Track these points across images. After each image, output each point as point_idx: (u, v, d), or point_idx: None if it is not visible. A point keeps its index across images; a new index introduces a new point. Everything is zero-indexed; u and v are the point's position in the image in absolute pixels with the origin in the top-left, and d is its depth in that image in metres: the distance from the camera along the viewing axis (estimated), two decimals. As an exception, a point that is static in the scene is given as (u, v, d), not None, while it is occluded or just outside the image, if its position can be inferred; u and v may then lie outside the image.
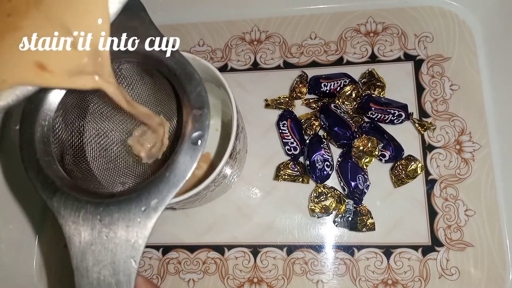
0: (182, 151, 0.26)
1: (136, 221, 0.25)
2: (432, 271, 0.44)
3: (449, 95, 0.48)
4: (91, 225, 0.25)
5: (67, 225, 0.25)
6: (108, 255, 0.25)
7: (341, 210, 0.45)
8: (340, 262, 0.45)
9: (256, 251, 0.46)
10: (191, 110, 0.27)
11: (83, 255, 0.25)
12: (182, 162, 0.26)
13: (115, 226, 0.25)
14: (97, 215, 0.25)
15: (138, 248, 0.25)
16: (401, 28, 0.50)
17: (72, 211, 0.26)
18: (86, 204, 0.26)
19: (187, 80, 0.28)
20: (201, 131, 0.27)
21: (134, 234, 0.25)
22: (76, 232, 0.25)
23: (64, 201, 0.26)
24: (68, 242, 0.25)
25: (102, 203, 0.26)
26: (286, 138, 0.47)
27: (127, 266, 0.25)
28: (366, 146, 0.43)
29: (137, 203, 0.25)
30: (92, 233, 0.25)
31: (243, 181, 0.48)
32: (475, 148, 0.46)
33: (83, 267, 0.25)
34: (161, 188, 0.26)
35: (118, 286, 0.25)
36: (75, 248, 0.25)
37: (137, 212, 0.25)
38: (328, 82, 0.48)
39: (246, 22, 0.53)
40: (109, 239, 0.25)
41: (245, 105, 0.49)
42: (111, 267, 0.25)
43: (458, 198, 0.45)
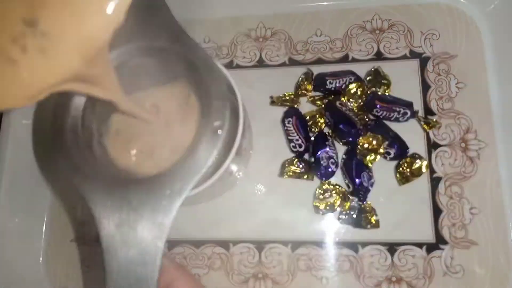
0: (204, 139, 0.28)
1: (161, 204, 0.27)
2: (436, 269, 0.44)
3: (455, 93, 0.48)
4: (119, 208, 0.27)
5: (97, 208, 0.27)
6: (135, 237, 0.26)
7: (345, 207, 0.45)
8: (344, 259, 0.45)
9: (261, 247, 0.47)
10: (212, 100, 0.29)
11: (112, 236, 0.26)
12: (204, 149, 0.28)
13: (142, 209, 0.26)
14: (125, 199, 0.27)
15: (163, 229, 0.26)
16: (407, 25, 0.50)
17: (102, 195, 0.27)
18: (114, 189, 0.27)
19: (207, 72, 0.30)
20: (221, 121, 0.28)
21: (160, 216, 0.26)
22: (105, 215, 0.27)
23: (94, 187, 0.27)
24: (98, 224, 0.27)
25: (129, 188, 0.27)
26: (291, 135, 0.47)
27: (153, 247, 0.26)
28: (371, 144, 0.43)
29: (162, 188, 0.27)
30: (120, 216, 0.27)
31: (248, 177, 0.48)
32: (480, 146, 0.46)
33: (112, 248, 0.26)
34: (184, 173, 0.27)
35: (145, 265, 0.26)
36: (104, 230, 0.26)
37: (162, 196, 0.27)
38: (334, 79, 0.48)
39: (252, 18, 0.53)
40: (137, 222, 0.26)
41: (250, 102, 0.49)
42: (138, 248, 0.26)
43: (463, 196, 0.45)
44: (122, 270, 0.26)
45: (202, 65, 0.30)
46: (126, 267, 0.26)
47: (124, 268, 0.26)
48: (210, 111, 0.29)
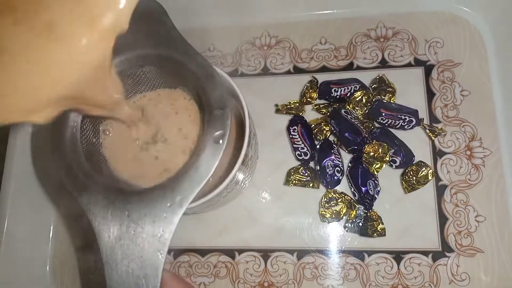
0: (205, 150, 0.28)
1: (162, 216, 0.26)
2: (442, 277, 0.44)
3: (460, 101, 0.48)
4: (119, 220, 0.26)
5: (97, 221, 0.27)
6: (136, 249, 0.26)
7: (351, 215, 0.45)
8: (350, 267, 0.45)
9: (266, 256, 0.47)
10: (213, 110, 0.29)
11: (112, 249, 0.26)
12: (205, 160, 0.28)
13: (142, 222, 0.26)
14: (125, 211, 0.27)
15: (164, 242, 0.26)
16: (411, 33, 0.51)
17: (101, 207, 0.27)
18: (114, 201, 0.27)
19: (208, 82, 0.29)
20: (223, 130, 0.28)
21: (161, 229, 0.26)
22: (105, 228, 0.26)
23: (94, 198, 0.27)
24: (98, 237, 0.26)
25: (129, 200, 0.27)
26: (296, 143, 0.47)
27: (154, 260, 0.26)
28: (377, 152, 0.44)
29: (162, 199, 0.27)
30: (121, 228, 0.26)
31: (253, 186, 0.48)
32: (485, 154, 0.46)
33: (112, 261, 0.26)
34: (185, 185, 0.27)
35: (145, 279, 0.26)
36: (104, 243, 0.26)
37: (163, 208, 0.26)
38: (339, 87, 0.48)
39: (256, 27, 0.54)
40: (137, 234, 0.26)
41: (256, 111, 0.50)
42: (139, 261, 0.26)
43: (469, 204, 0.45)
44: (123, 283, 0.26)
45: (202, 73, 0.30)
46: (127, 279, 0.26)
47: (125, 281, 0.26)
48: (211, 121, 0.29)
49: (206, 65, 0.30)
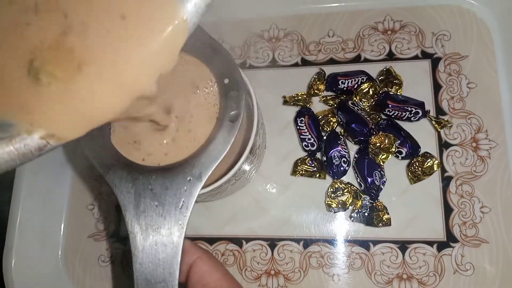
0: (222, 128, 0.30)
1: (182, 189, 0.28)
2: (447, 267, 0.44)
3: (466, 93, 0.48)
4: (143, 194, 0.28)
5: (122, 195, 0.29)
6: (159, 220, 0.28)
7: (357, 205, 0.45)
8: (356, 257, 0.46)
9: (273, 244, 0.48)
10: (228, 91, 0.31)
11: (137, 220, 0.28)
12: (221, 137, 0.30)
13: (164, 195, 0.28)
14: (148, 185, 0.29)
15: (185, 213, 0.28)
16: (418, 26, 0.51)
17: (126, 182, 0.29)
18: (138, 176, 0.29)
19: (224, 65, 0.31)
20: (238, 110, 0.30)
21: (181, 201, 0.28)
22: (130, 201, 0.29)
23: (119, 175, 0.29)
24: (123, 209, 0.29)
25: (151, 175, 0.29)
26: (303, 135, 0.47)
27: (176, 229, 0.28)
28: (383, 143, 0.44)
29: (183, 174, 0.29)
30: (145, 201, 0.28)
31: (261, 176, 0.49)
32: (491, 146, 0.46)
33: (137, 231, 0.28)
34: (203, 160, 0.29)
35: (168, 246, 0.28)
36: (130, 215, 0.28)
37: (183, 182, 0.28)
38: (346, 79, 0.48)
39: (265, 20, 0.54)
40: (159, 206, 0.28)
41: (264, 102, 0.50)
42: (162, 231, 0.28)
43: (474, 195, 0.46)
44: (146, 251, 0.28)
45: (218, 58, 0.32)
46: (151, 248, 0.28)
47: (149, 249, 0.28)
48: (227, 101, 0.31)
49: (221, 50, 0.32)
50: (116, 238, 0.50)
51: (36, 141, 0.19)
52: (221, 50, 0.32)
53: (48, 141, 0.19)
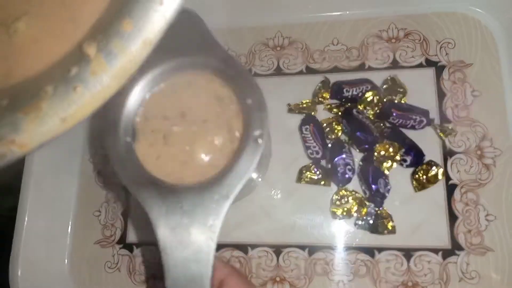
0: (246, 147, 0.31)
1: (211, 207, 0.29)
2: (452, 275, 0.44)
3: (471, 101, 0.48)
4: (173, 212, 0.29)
5: (153, 213, 0.30)
6: (189, 237, 0.29)
7: (362, 213, 0.46)
8: (361, 264, 0.46)
9: (278, 251, 0.48)
10: (252, 111, 0.32)
11: (168, 237, 0.29)
12: (246, 157, 0.30)
13: (194, 212, 0.29)
14: (178, 204, 0.30)
15: (214, 230, 0.29)
16: (423, 34, 0.51)
17: (157, 201, 0.30)
18: (168, 195, 0.30)
19: (247, 84, 0.32)
20: (262, 130, 0.31)
21: (210, 218, 0.29)
22: (161, 219, 0.29)
23: (148, 193, 0.30)
24: (154, 227, 0.29)
25: (181, 194, 0.30)
26: (308, 142, 0.48)
27: (206, 246, 0.29)
28: (388, 151, 0.44)
29: (210, 193, 0.30)
30: (175, 219, 0.29)
31: (266, 183, 0.49)
32: (496, 154, 0.47)
33: (168, 248, 0.29)
34: (230, 179, 0.30)
35: (199, 263, 0.28)
36: (160, 232, 0.29)
37: (211, 200, 0.29)
38: (350, 87, 0.49)
39: (270, 28, 0.55)
40: (189, 224, 0.29)
41: (269, 110, 0.51)
42: (193, 247, 0.29)
43: (479, 203, 0.46)
44: (178, 268, 0.29)
45: (239, 77, 0.33)
46: (182, 264, 0.28)
47: (180, 266, 0.29)
48: (251, 121, 0.32)
49: (243, 70, 0.33)
50: (122, 244, 0.51)
51: None
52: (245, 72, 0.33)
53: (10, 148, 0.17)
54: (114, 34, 0.17)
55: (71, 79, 0.18)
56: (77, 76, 0.18)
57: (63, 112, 0.18)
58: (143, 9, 0.17)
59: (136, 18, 0.17)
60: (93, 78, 0.17)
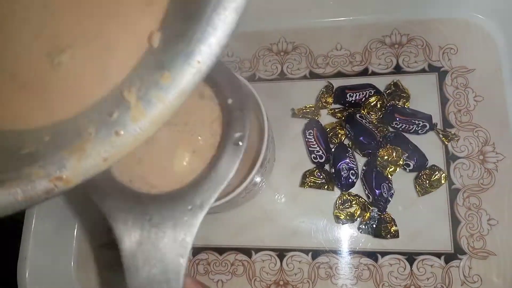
0: (225, 152, 0.28)
1: (183, 219, 0.26)
2: (454, 278, 0.45)
3: (473, 106, 0.49)
4: (140, 225, 0.26)
5: (118, 226, 0.26)
6: (157, 254, 0.26)
7: (365, 217, 0.46)
8: (364, 268, 0.46)
9: (282, 255, 0.48)
10: (233, 112, 0.29)
11: (133, 254, 0.26)
12: (225, 162, 0.27)
13: (163, 226, 0.26)
14: (145, 216, 0.26)
15: (185, 245, 0.26)
16: (425, 39, 0.52)
17: (122, 212, 0.27)
18: (135, 205, 0.27)
19: (228, 83, 0.30)
20: (242, 132, 0.28)
21: (182, 232, 0.26)
22: (127, 233, 0.26)
23: (114, 204, 0.27)
24: (119, 242, 0.26)
25: (149, 204, 0.27)
26: (312, 147, 0.48)
27: (176, 264, 0.25)
28: (391, 156, 0.45)
29: (183, 203, 0.26)
30: (142, 233, 0.26)
31: (270, 187, 0.50)
32: (498, 159, 0.47)
33: (133, 266, 0.26)
34: (205, 187, 0.27)
35: (168, 284, 0.25)
36: (125, 248, 0.26)
37: (183, 211, 0.26)
38: (354, 92, 0.49)
39: (274, 33, 0.55)
40: (158, 239, 0.26)
41: (272, 114, 0.50)
42: (161, 266, 0.25)
43: (481, 207, 0.46)
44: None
45: (220, 77, 0.30)
46: (149, 285, 0.25)
47: (147, 287, 0.25)
48: (231, 123, 0.29)
49: (225, 68, 0.30)
50: (127, 247, 0.51)
51: (44, 184, 0.18)
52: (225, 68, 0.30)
53: (56, 184, 0.18)
54: (153, 85, 0.18)
55: (113, 123, 0.19)
56: (118, 121, 0.19)
57: (105, 153, 0.19)
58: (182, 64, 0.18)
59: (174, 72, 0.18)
60: (133, 123, 0.19)
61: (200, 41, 0.18)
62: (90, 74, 0.21)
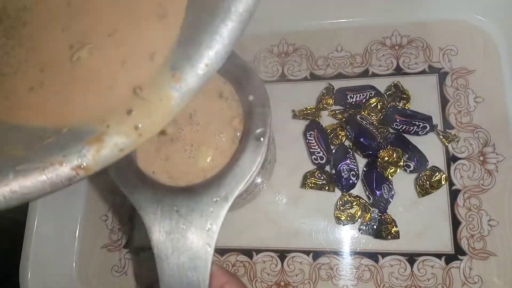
0: (247, 147, 0.29)
1: (209, 210, 0.28)
2: (455, 279, 0.45)
3: (473, 107, 0.49)
4: (169, 216, 0.28)
5: (148, 217, 0.28)
6: (185, 243, 0.27)
7: (366, 218, 0.46)
8: (365, 269, 0.47)
9: (283, 256, 0.48)
10: (254, 108, 0.30)
11: (163, 243, 0.27)
12: (247, 156, 0.29)
13: (191, 216, 0.27)
14: (173, 207, 0.28)
15: (212, 235, 0.27)
16: (426, 41, 0.52)
17: (151, 204, 0.28)
18: (163, 197, 0.29)
19: (249, 81, 0.31)
20: (264, 128, 0.29)
21: (208, 222, 0.27)
22: (156, 223, 0.28)
23: (143, 196, 0.29)
24: (149, 232, 0.28)
25: (177, 196, 0.28)
26: (313, 148, 0.48)
27: (203, 252, 0.27)
28: (392, 157, 0.45)
29: (209, 195, 0.28)
30: (170, 223, 0.28)
31: (271, 188, 0.50)
32: (498, 160, 0.47)
33: (163, 255, 0.27)
34: (229, 180, 0.28)
35: (195, 271, 0.27)
36: (155, 237, 0.28)
37: (209, 203, 0.28)
38: (354, 94, 0.49)
39: (274, 35, 0.55)
40: (186, 228, 0.27)
41: (273, 116, 0.51)
42: (189, 254, 0.27)
43: (482, 208, 0.46)
44: (174, 275, 0.27)
45: (241, 74, 0.31)
46: (178, 272, 0.27)
47: (176, 273, 0.27)
48: (252, 119, 0.30)
49: (245, 65, 0.31)
50: (129, 249, 0.52)
51: (67, 171, 0.20)
52: (246, 66, 0.31)
53: (77, 172, 0.20)
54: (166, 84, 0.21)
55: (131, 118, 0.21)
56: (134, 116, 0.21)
57: (122, 145, 0.21)
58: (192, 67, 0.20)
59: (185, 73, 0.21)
60: (149, 119, 0.21)
61: (208, 47, 0.20)
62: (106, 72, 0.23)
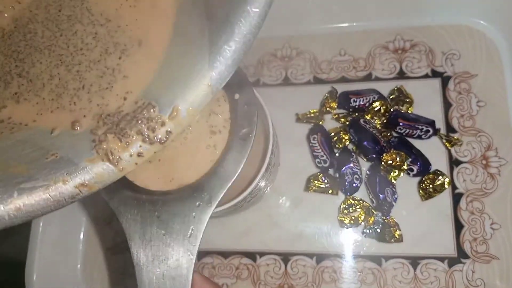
0: (232, 147, 0.28)
1: (191, 216, 0.26)
2: (458, 282, 0.45)
3: (476, 111, 0.49)
4: (149, 222, 0.26)
5: (127, 223, 0.27)
6: (166, 250, 0.26)
7: (369, 221, 0.47)
8: (368, 272, 0.47)
9: (286, 259, 0.49)
10: (239, 107, 0.29)
11: (143, 251, 0.26)
12: (232, 158, 0.28)
13: (172, 222, 0.26)
14: (154, 212, 0.27)
15: (194, 242, 0.26)
16: (428, 45, 0.52)
17: (131, 209, 0.27)
18: (143, 203, 0.27)
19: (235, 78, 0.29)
20: (250, 127, 0.28)
21: (190, 228, 0.26)
22: (136, 229, 0.26)
23: (124, 201, 0.27)
24: (129, 239, 0.26)
25: (158, 201, 0.27)
26: (316, 151, 0.49)
27: (185, 260, 0.26)
28: (395, 161, 0.45)
29: (191, 199, 0.27)
30: (151, 229, 0.26)
31: (274, 191, 0.50)
32: (501, 163, 0.47)
33: (143, 263, 0.26)
34: (213, 183, 0.27)
35: (176, 279, 0.26)
36: (135, 245, 0.26)
37: (192, 208, 0.26)
38: (357, 97, 0.50)
39: (278, 39, 0.56)
40: (167, 235, 0.26)
41: (277, 119, 0.51)
42: (170, 262, 0.26)
43: (484, 211, 0.46)
44: (153, 285, 0.26)
45: None
46: (158, 281, 0.26)
47: (156, 282, 0.26)
48: (238, 118, 0.29)
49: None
50: (133, 251, 0.52)
51: (70, 189, 0.20)
52: None
53: (81, 190, 0.20)
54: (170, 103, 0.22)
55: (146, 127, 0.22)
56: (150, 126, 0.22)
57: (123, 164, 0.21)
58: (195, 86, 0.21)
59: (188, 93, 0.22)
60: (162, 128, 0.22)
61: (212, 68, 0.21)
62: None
